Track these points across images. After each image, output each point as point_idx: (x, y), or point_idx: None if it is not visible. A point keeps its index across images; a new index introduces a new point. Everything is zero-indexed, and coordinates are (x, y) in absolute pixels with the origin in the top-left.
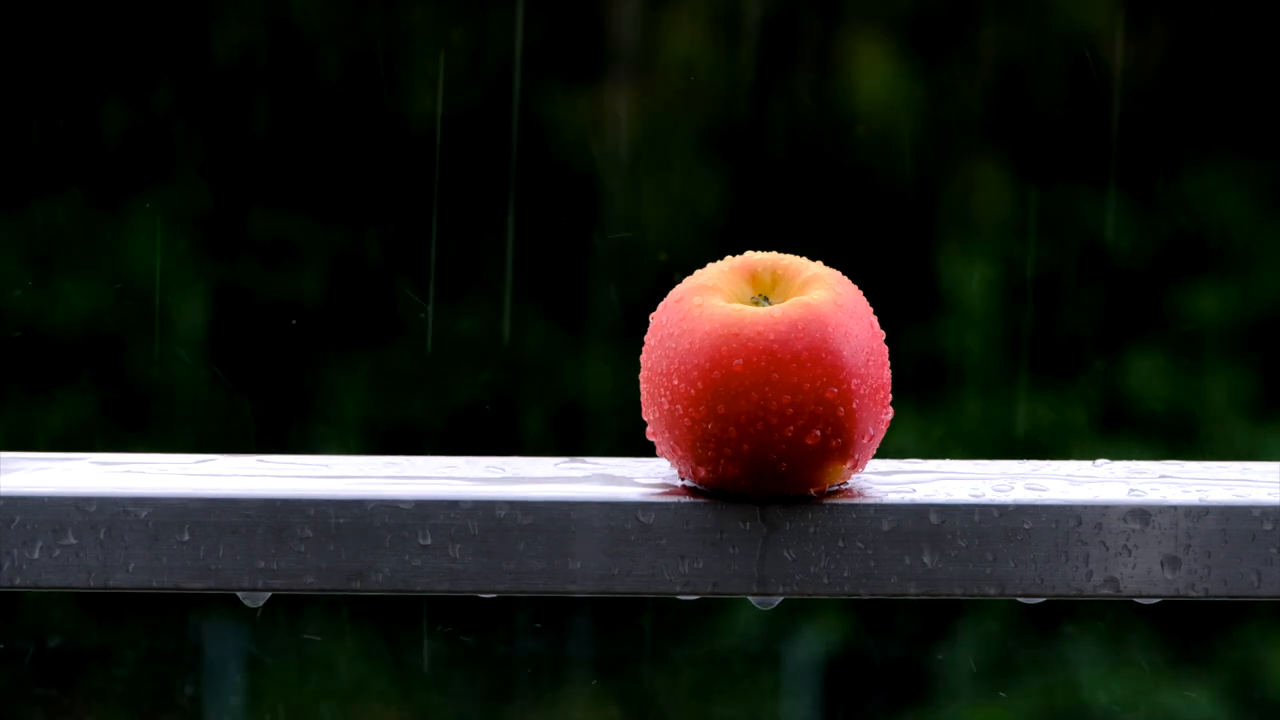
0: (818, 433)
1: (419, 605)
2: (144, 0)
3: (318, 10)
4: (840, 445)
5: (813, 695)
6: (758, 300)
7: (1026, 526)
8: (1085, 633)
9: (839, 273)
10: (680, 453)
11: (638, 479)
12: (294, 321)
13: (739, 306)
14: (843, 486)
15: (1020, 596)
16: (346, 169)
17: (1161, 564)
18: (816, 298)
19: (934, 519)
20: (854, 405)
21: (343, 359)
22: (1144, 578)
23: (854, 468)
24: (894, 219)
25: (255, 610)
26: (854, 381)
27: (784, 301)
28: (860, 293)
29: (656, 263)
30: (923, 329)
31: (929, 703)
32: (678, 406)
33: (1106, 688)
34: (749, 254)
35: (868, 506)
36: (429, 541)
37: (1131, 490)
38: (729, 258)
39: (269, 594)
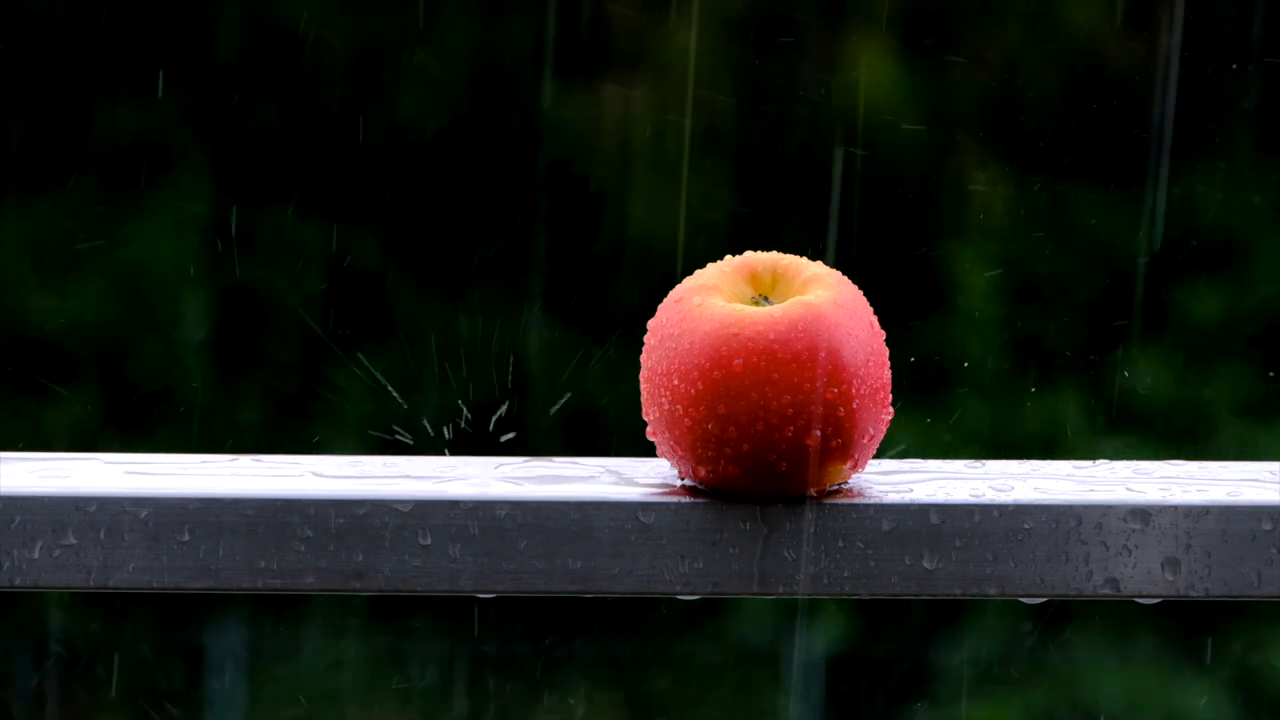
0: (818, 433)
1: (419, 605)
2: None
3: (319, 10)
4: (840, 445)
5: (813, 695)
6: (758, 300)
7: (1026, 526)
8: (1085, 632)
9: (839, 273)
10: (680, 453)
11: (638, 479)
12: (295, 322)
13: (739, 306)
14: (843, 486)
15: (1020, 596)
16: (347, 169)
17: (1161, 564)
18: (816, 298)
19: (934, 519)
20: (854, 405)
21: (344, 359)
22: (1144, 578)
23: (854, 468)
24: (894, 219)
25: (255, 610)
26: (854, 381)
27: (784, 301)
28: (860, 293)
29: (657, 263)
30: (923, 329)
31: (929, 702)
32: (678, 406)
33: (1106, 687)
34: (749, 254)
35: (868, 506)
36: (429, 541)
37: (1131, 490)
38: (729, 257)
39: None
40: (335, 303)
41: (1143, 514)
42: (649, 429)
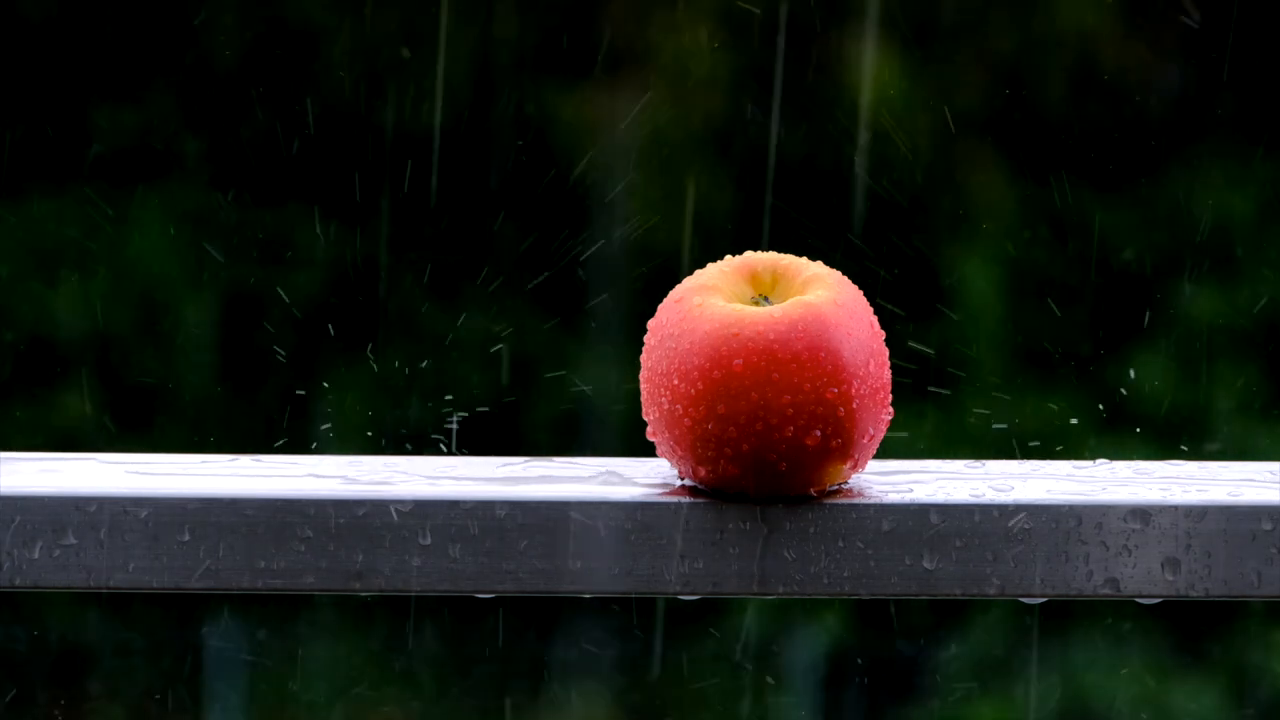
0: (818, 433)
1: (419, 605)
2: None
3: (318, 10)
4: (840, 445)
5: (813, 695)
6: (758, 300)
7: (1026, 526)
8: (1085, 632)
9: (839, 273)
10: (680, 453)
11: (638, 479)
12: (294, 322)
13: (739, 306)
14: (843, 486)
15: (1020, 596)
16: (347, 169)
17: (1161, 564)
18: (816, 297)
19: (934, 519)
20: (854, 405)
21: (343, 359)
22: (1144, 578)
23: (854, 468)
24: (894, 219)
25: (255, 610)
26: (854, 381)
27: (784, 301)
28: (860, 293)
29: (657, 263)
30: (923, 329)
31: (929, 702)
32: (678, 406)
33: (1106, 687)
34: (749, 254)
35: (868, 506)
36: (429, 541)
37: (1131, 490)
38: (729, 257)
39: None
40: (335, 302)
41: (1143, 514)
42: (649, 429)
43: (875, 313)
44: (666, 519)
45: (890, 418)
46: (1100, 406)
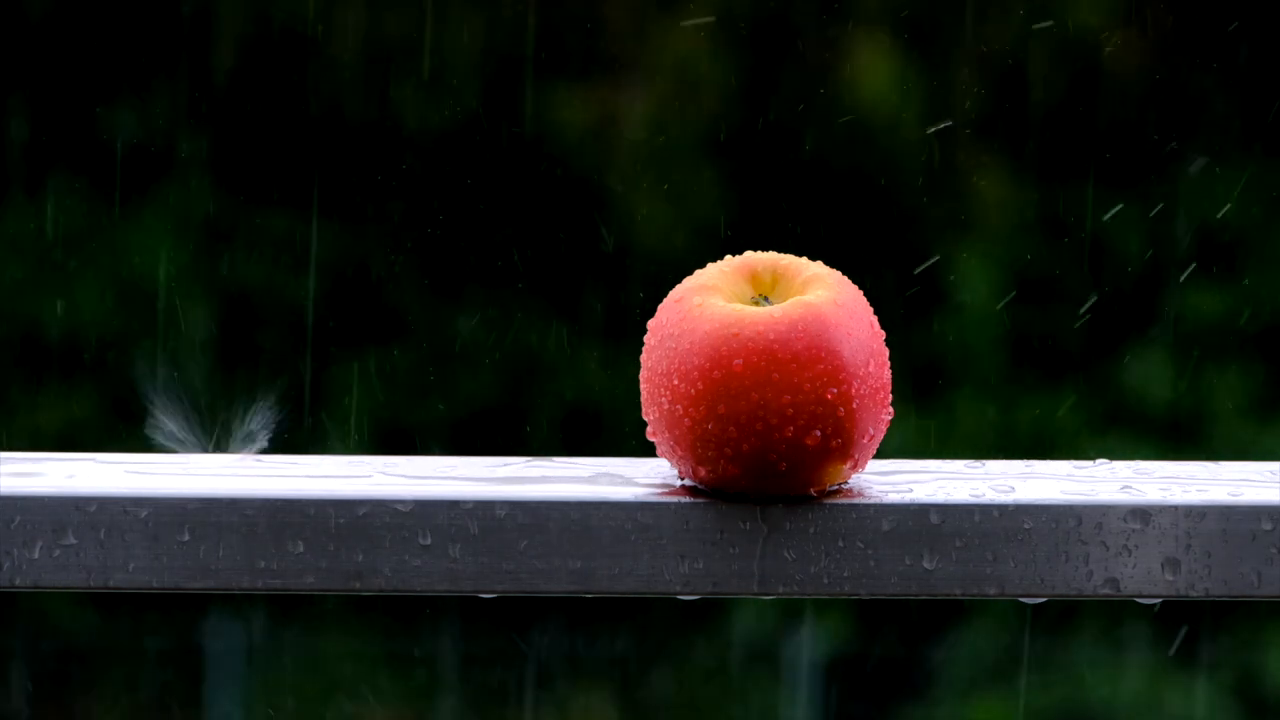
0: (818, 433)
1: (419, 605)
2: (148, 1)
3: (318, 10)
4: (840, 445)
5: (813, 695)
6: (758, 300)
7: (1026, 526)
8: (1085, 632)
9: (839, 273)
10: (680, 453)
11: (638, 479)
12: (295, 322)
13: (739, 306)
14: (843, 486)
15: (1020, 596)
16: (348, 169)
17: (1161, 564)
18: (816, 298)
19: (934, 519)
20: (854, 405)
21: (344, 359)
22: (1144, 578)
23: (854, 468)
24: (894, 219)
25: (254, 610)
26: (854, 382)
27: (784, 301)
28: (860, 293)
29: (657, 263)
30: (923, 329)
31: (929, 702)
32: (678, 406)
33: (1106, 687)
34: (749, 254)
35: (868, 506)
36: (429, 541)
37: (1131, 490)
38: (729, 257)
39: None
40: (335, 303)
41: (1143, 514)
42: (649, 429)
43: (875, 312)
44: (666, 519)
45: (890, 418)
46: (1100, 406)
